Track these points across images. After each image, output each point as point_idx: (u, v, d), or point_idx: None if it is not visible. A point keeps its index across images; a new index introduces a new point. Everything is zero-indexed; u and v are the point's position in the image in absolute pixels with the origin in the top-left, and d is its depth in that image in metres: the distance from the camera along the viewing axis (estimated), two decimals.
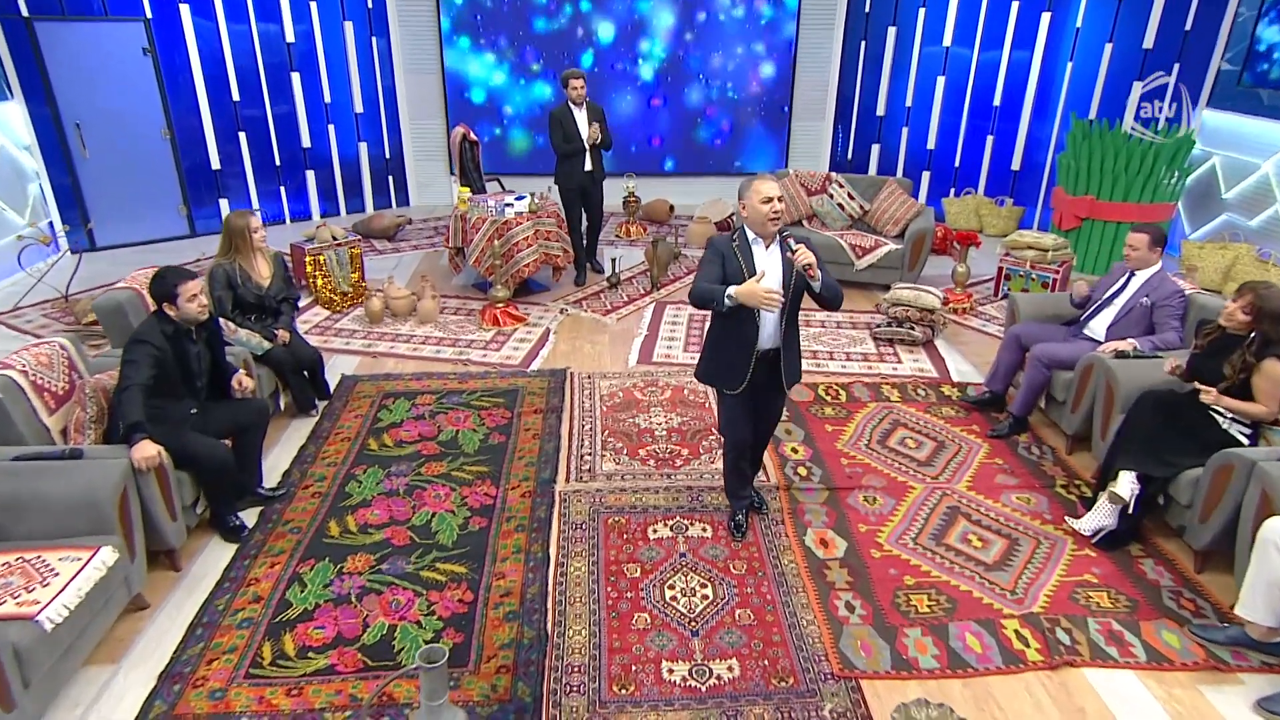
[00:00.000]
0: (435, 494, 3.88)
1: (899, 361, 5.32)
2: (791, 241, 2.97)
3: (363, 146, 9.05)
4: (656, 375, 5.05)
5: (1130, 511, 3.45)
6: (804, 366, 4.95)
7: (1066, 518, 3.73)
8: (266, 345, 4.37)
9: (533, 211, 6.24)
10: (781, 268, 3.06)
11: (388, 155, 9.26)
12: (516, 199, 6.28)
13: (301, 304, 6.29)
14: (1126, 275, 4.29)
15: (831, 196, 6.97)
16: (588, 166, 6.36)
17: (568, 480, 3.93)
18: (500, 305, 5.96)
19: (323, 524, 3.72)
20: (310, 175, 8.78)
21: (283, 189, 8.65)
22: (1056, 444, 4.36)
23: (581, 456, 4.13)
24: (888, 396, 4.82)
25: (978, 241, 6.33)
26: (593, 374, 5.04)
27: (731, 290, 2.84)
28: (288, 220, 8.70)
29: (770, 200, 2.98)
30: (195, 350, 3.52)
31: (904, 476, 4.02)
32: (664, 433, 4.41)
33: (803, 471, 4.05)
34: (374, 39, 8.82)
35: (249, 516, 3.76)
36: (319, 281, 6.24)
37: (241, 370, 3.81)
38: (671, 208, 8.76)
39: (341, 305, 6.27)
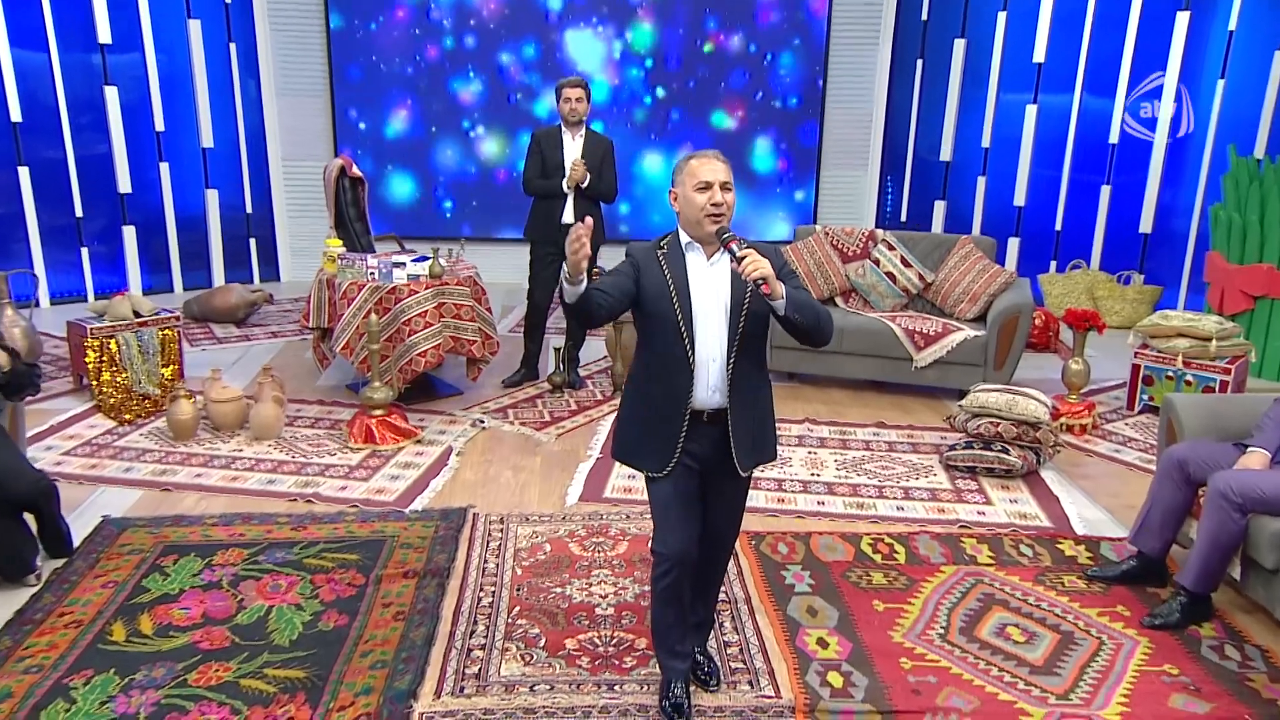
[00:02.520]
0: None
1: (987, 501, 5.03)
2: (735, 246, 2.86)
3: (212, 196, 8.97)
4: (608, 519, 4.73)
5: None
6: (838, 507, 4.84)
7: None
8: None
9: (435, 277, 5.98)
10: (730, 286, 3.00)
11: (249, 209, 9.24)
12: (414, 260, 6.08)
13: (72, 411, 5.97)
14: None
15: (878, 263, 6.85)
16: (569, 216, 6.20)
17: (438, 694, 3.39)
18: (377, 413, 5.59)
19: None
20: (130, 234, 8.61)
21: (85, 252, 8.42)
22: (1268, 641, 3.83)
23: (468, 651, 3.64)
24: (972, 556, 4.43)
25: (1100, 324, 6.02)
26: (508, 515, 4.75)
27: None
28: (91, 297, 8.44)
29: (709, 187, 2.91)
30: None
31: (1009, 693, 3.47)
32: (608, 611, 3.93)
33: (836, 680, 3.51)
34: (232, 45, 8.84)
35: None
36: (104, 377, 5.89)
37: None
38: None
39: (139, 412, 5.95)
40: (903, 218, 9.28)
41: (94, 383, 5.86)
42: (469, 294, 6.06)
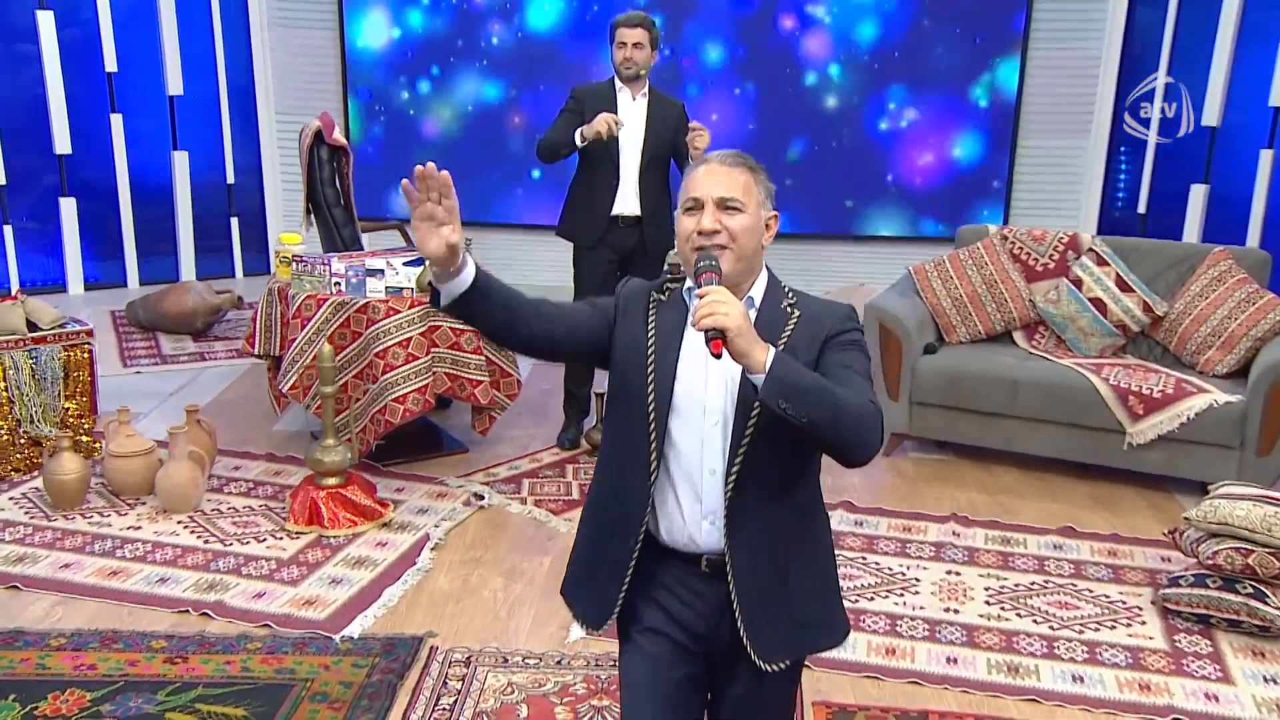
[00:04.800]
0: None
1: (1223, 677, 4.56)
2: (706, 279, 2.62)
3: (180, 159, 9.21)
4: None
5: None
6: (979, 669, 4.50)
7: None
8: None
9: (425, 290, 5.65)
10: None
11: (231, 177, 9.38)
12: (406, 264, 6.07)
13: None
14: None
15: (1079, 284, 6.67)
16: (627, 206, 6.19)
17: None
18: (330, 483, 5.50)
19: None
20: (69, 208, 8.84)
21: (9, 232, 8.57)
22: None
23: None
24: None
25: None
26: (479, 653, 4.56)
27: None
28: (15, 290, 8.48)
29: (699, 206, 2.67)
30: None
31: None
32: None
33: None
34: None
35: None
36: None
37: None
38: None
39: (21, 464, 5.98)
40: (1140, 208, 9.06)
41: None
42: None
